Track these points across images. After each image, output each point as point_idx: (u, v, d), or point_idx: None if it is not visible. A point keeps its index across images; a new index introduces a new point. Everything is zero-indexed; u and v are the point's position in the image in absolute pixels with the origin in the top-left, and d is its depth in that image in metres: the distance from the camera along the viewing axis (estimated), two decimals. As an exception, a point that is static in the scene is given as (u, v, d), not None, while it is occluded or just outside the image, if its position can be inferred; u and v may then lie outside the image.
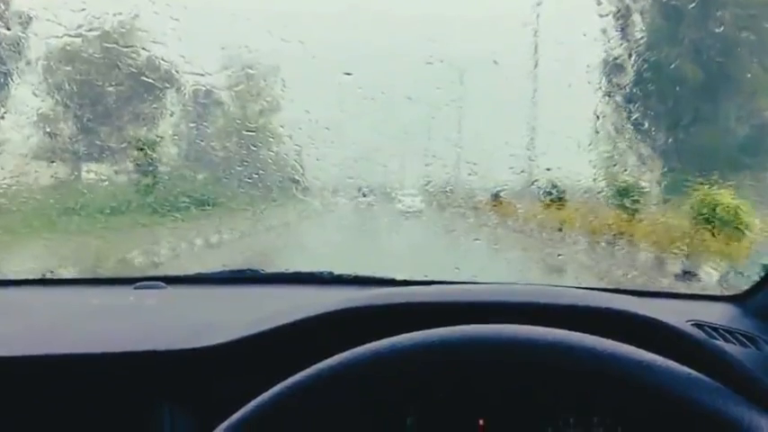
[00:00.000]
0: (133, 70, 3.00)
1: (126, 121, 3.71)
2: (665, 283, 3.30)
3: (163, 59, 2.83)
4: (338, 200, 3.57)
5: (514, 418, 1.06)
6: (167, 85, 3.23)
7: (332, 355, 0.83)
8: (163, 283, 1.56)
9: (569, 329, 0.83)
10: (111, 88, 3.41)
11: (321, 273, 1.65)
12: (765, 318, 1.38)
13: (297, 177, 2.84)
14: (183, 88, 3.41)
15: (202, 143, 3.63)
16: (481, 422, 1.07)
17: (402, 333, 0.84)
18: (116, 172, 3.58)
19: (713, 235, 3.09)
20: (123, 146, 3.66)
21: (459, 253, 3.09)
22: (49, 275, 1.95)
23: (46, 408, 1.08)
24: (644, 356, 0.78)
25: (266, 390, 0.81)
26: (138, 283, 1.56)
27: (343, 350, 0.83)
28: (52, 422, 1.07)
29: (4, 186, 2.71)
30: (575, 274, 3.22)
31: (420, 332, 0.82)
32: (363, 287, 1.45)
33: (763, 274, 1.45)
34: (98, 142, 3.59)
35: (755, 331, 1.30)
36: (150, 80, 3.12)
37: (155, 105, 3.48)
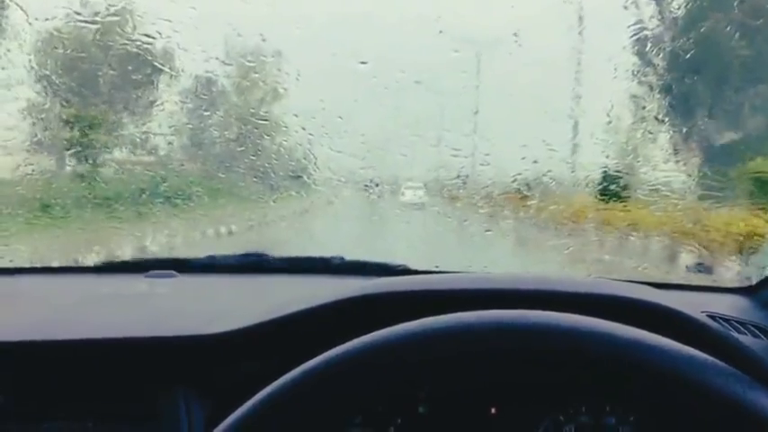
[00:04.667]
0: (149, 57, 3.01)
1: (141, 109, 3.73)
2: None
3: (178, 46, 2.84)
4: (349, 190, 3.56)
5: (525, 406, 1.07)
6: (182, 72, 3.23)
7: (345, 342, 0.84)
8: (174, 272, 1.57)
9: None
10: (125, 76, 3.43)
11: (332, 258, 1.65)
12: None
13: (309, 167, 2.83)
14: (193, 76, 3.41)
15: (215, 132, 3.63)
16: (493, 410, 1.08)
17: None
18: (132, 162, 3.61)
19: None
20: (141, 135, 3.68)
21: (470, 244, 3.07)
22: (62, 264, 1.96)
23: (60, 393, 1.09)
24: (661, 341, 0.78)
25: (279, 376, 0.82)
26: (149, 272, 1.57)
27: (357, 337, 0.84)
28: (67, 407, 1.09)
29: (20, 175, 2.73)
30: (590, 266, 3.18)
31: (430, 318, 0.82)
32: (375, 276, 1.46)
33: (775, 266, 1.44)
34: (117, 133, 3.62)
35: (767, 323, 1.30)
36: (164, 68, 3.13)
37: (165, 93, 3.49)
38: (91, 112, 3.41)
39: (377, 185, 3.22)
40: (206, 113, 3.59)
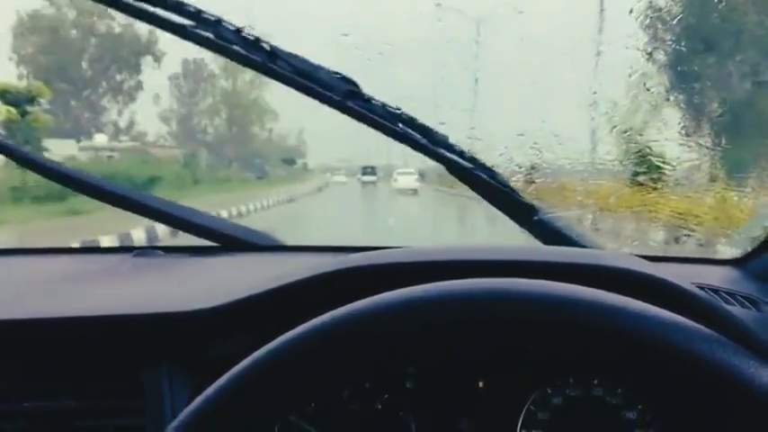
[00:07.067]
0: (128, 33, 2.96)
1: (124, 91, 3.68)
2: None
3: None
4: (341, 168, 3.53)
5: (513, 379, 1.06)
6: (165, 51, 3.18)
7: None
8: (161, 252, 1.56)
9: None
10: (105, 55, 3.37)
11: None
12: (766, 280, 1.38)
13: (299, 147, 2.79)
14: (175, 52, 3.34)
15: (199, 115, 3.58)
16: (480, 384, 1.07)
17: None
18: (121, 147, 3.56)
19: None
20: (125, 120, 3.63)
21: (459, 220, 3.06)
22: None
23: (41, 371, 1.10)
24: (647, 308, 0.77)
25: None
26: (135, 252, 1.56)
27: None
28: (48, 385, 1.09)
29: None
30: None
31: (417, 287, 0.80)
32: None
33: (764, 236, 1.44)
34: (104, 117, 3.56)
35: (756, 294, 1.30)
36: (146, 46, 3.07)
37: (141, 75, 3.42)
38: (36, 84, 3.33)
39: (372, 168, 3.18)
40: (185, 98, 3.53)
